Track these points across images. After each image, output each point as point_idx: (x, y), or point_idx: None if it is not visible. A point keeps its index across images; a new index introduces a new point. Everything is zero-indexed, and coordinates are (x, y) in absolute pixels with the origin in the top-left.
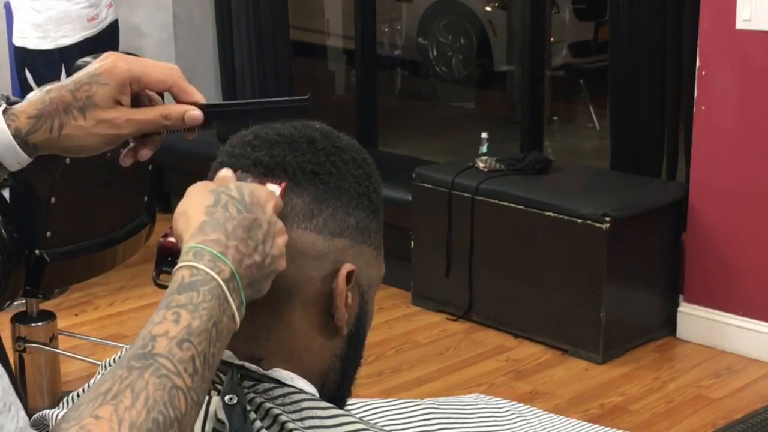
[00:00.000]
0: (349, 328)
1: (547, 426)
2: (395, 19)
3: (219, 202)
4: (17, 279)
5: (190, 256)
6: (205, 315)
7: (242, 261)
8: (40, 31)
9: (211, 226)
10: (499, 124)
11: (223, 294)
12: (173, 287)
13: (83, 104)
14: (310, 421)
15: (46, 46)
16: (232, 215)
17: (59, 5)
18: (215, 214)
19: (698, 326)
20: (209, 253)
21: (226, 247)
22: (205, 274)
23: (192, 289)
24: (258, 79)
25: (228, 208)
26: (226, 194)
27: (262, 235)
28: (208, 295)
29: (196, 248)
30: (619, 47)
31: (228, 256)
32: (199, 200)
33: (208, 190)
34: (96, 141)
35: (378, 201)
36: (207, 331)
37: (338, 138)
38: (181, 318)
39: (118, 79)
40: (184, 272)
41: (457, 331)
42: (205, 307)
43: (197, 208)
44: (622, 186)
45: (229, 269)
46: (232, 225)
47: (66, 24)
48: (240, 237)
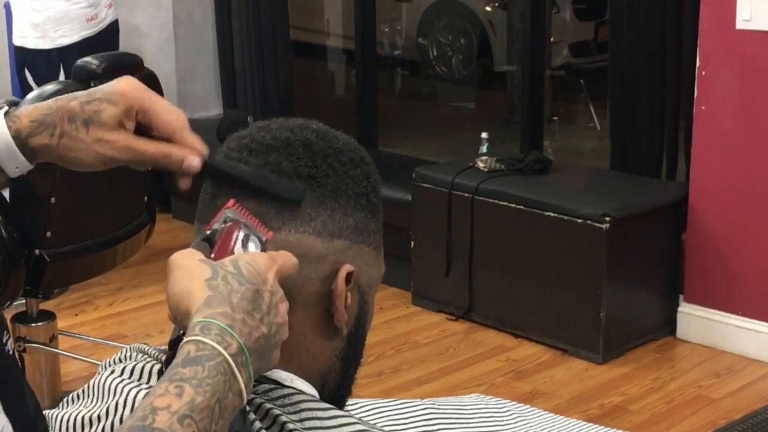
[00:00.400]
0: (349, 329)
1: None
2: (395, 19)
3: (218, 276)
4: (17, 279)
5: (197, 330)
6: (209, 391)
7: (251, 334)
8: (38, 30)
9: (216, 300)
10: (499, 124)
11: (230, 369)
12: (178, 360)
13: (88, 118)
14: (310, 422)
15: (45, 45)
16: (234, 288)
17: (58, 5)
18: (218, 287)
19: (698, 326)
20: (217, 327)
21: (233, 320)
22: (211, 349)
23: (197, 364)
24: (258, 79)
25: (228, 281)
26: (221, 268)
27: (266, 305)
28: (213, 370)
29: (204, 323)
30: (619, 47)
31: (236, 329)
32: (196, 274)
33: (199, 261)
34: (92, 158)
35: (377, 200)
36: (210, 408)
37: (335, 138)
38: (185, 393)
39: (127, 103)
40: (191, 347)
41: (457, 331)
42: (209, 383)
43: (197, 282)
44: (622, 186)
45: (236, 343)
46: (236, 298)
47: (65, 24)
48: (246, 309)
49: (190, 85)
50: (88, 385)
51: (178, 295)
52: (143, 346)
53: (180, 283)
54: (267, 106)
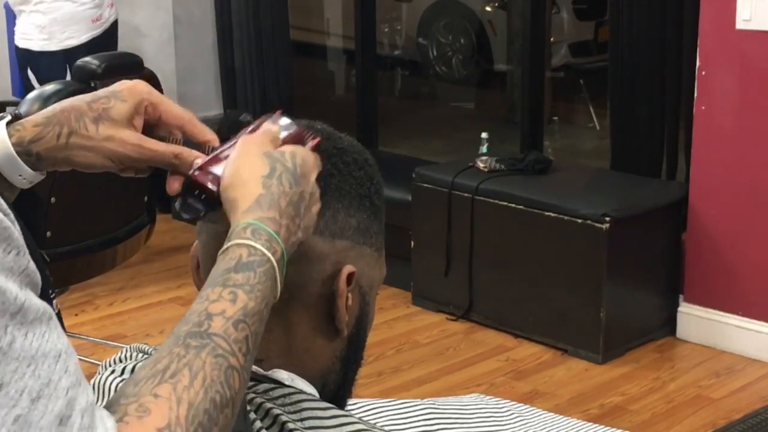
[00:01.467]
0: (350, 330)
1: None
2: (395, 19)
3: (274, 173)
4: None
5: (248, 233)
6: (259, 296)
7: (289, 239)
8: (45, 32)
9: (267, 202)
10: (499, 124)
11: (275, 275)
12: (230, 265)
13: (98, 115)
14: (311, 421)
15: (51, 47)
16: (285, 190)
17: (65, 6)
18: (271, 187)
19: (698, 326)
20: (266, 233)
21: (279, 225)
22: (262, 255)
23: (249, 269)
24: (258, 79)
25: (282, 181)
26: (281, 164)
27: (304, 207)
28: (263, 276)
29: (255, 226)
30: (619, 47)
31: (281, 235)
32: (255, 166)
33: (263, 154)
34: (101, 156)
35: (379, 202)
36: (260, 312)
37: (339, 139)
38: (238, 298)
39: (136, 98)
40: (242, 251)
41: (457, 331)
42: (260, 288)
43: (254, 175)
44: (622, 186)
45: (281, 249)
46: (285, 201)
47: (72, 25)
48: (290, 215)
49: (190, 85)
50: (94, 386)
51: (231, 180)
52: (143, 345)
53: (237, 170)
54: (267, 106)
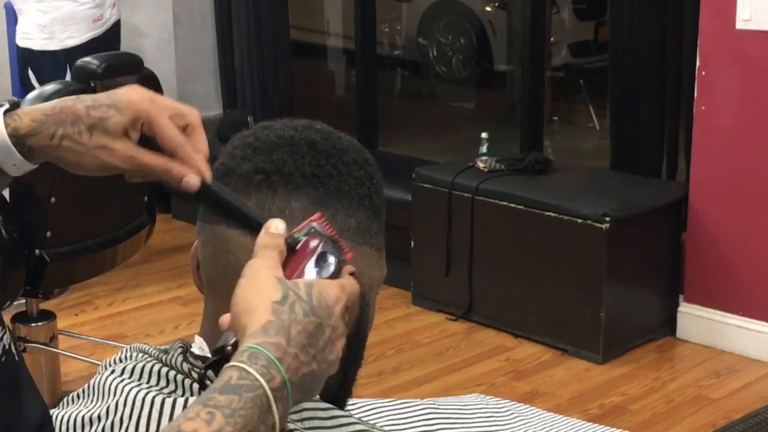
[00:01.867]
0: (350, 330)
1: (546, 426)
2: (395, 19)
3: (286, 300)
4: (17, 279)
5: (245, 357)
6: (240, 422)
7: (298, 369)
8: (45, 32)
9: (275, 328)
10: (499, 124)
11: (267, 403)
12: (217, 384)
13: (93, 123)
14: (311, 422)
15: (52, 47)
16: (297, 318)
17: (65, 6)
18: (281, 314)
19: (698, 326)
20: (265, 357)
21: (284, 353)
22: (253, 380)
23: (235, 393)
24: (258, 79)
25: (294, 309)
26: (294, 292)
27: (323, 342)
28: (249, 402)
29: (254, 350)
30: (619, 47)
31: (284, 363)
32: (266, 292)
33: (275, 279)
34: (93, 163)
35: (379, 202)
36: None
37: (339, 139)
38: (215, 421)
39: (135, 114)
40: (233, 373)
41: (457, 331)
42: (243, 414)
43: (264, 302)
44: (622, 186)
45: (281, 377)
46: (296, 330)
47: (72, 25)
48: (301, 344)
49: (190, 85)
50: (89, 385)
51: (241, 307)
52: (143, 345)
53: (247, 295)
54: (267, 106)
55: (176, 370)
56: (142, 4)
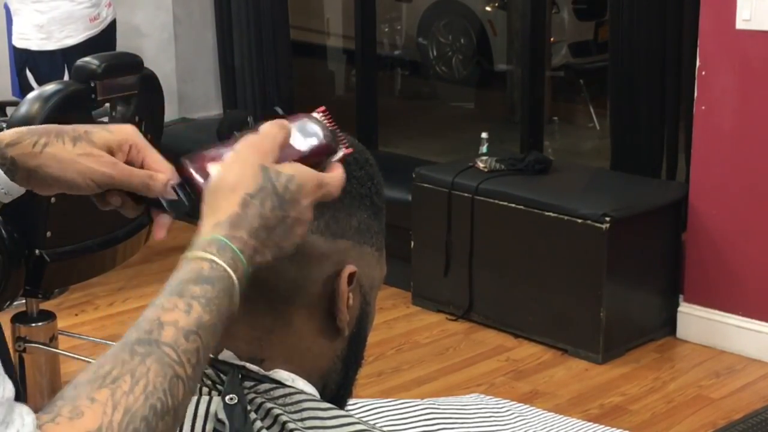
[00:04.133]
0: (351, 329)
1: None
2: (395, 19)
3: (260, 192)
4: (17, 279)
5: (213, 248)
6: (215, 311)
7: (253, 257)
8: (43, 32)
9: (240, 222)
10: (499, 124)
11: (233, 291)
12: (190, 276)
13: (78, 135)
14: (311, 421)
15: (49, 47)
16: (263, 212)
17: (63, 5)
18: (250, 207)
19: (698, 326)
20: (231, 251)
21: (245, 244)
22: (223, 271)
23: (209, 283)
24: (258, 79)
25: (263, 203)
26: (272, 184)
27: (283, 230)
28: (222, 292)
29: (222, 242)
30: (619, 47)
31: (245, 254)
32: (245, 179)
33: (258, 168)
34: (75, 170)
35: (380, 202)
36: (214, 326)
37: None
38: (193, 310)
39: (123, 135)
40: (204, 264)
41: (457, 331)
42: (217, 303)
43: (238, 190)
44: (622, 186)
45: (243, 269)
46: (257, 223)
47: (70, 24)
48: (261, 237)
49: (190, 85)
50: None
51: (220, 184)
52: None
53: (228, 176)
54: (267, 106)
55: None
56: (142, 4)
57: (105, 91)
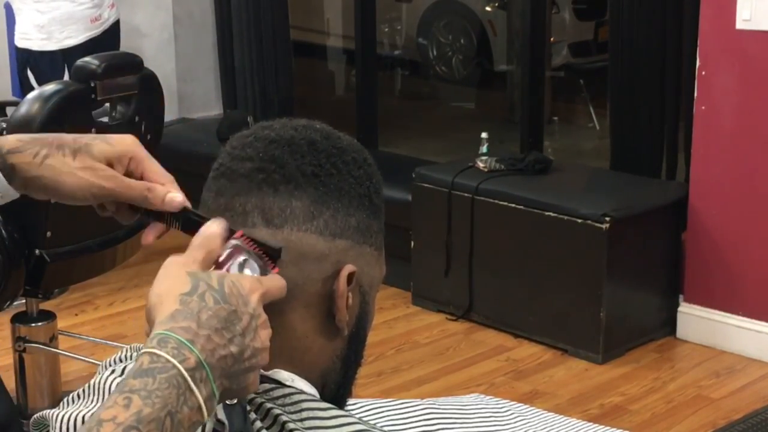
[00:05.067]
0: (350, 329)
1: (546, 426)
2: (395, 19)
3: (196, 290)
4: (17, 279)
5: (154, 342)
6: (158, 403)
7: (214, 351)
8: (43, 32)
9: (182, 315)
10: (499, 124)
11: (185, 383)
12: (130, 373)
13: (78, 147)
14: (311, 421)
15: (50, 47)
16: (208, 305)
17: (63, 6)
18: (190, 303)
19: (698, 326)
20: (175, 341)
21: (195, 335)
22: (165, 362)
23: (148, 376)
24: (258, 79)
25: (204, 298)
26: (205, 282)
27: (242, 327)
28: (164, 383)
29: (162, 335)
30: (619, 47)
31: (197, 345)
32: (176, 286)
33: (186, 273)
34: (74, 183)
35: (379, 201)
36: (159, 420)
37: (339, 139)
38: (132, 404)
39: (123, 148)
40: (144, 358)
41: (457, 331)
42: (160, 395)
43: (171, 294)
44: (622, 186)
45: (195, 358)
46: (206, 315)
47: (70, 25)
48: (214, 327)
49: (190, 85)
50: (89, 385)
51: (152, 302)
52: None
53: (157, 290)
54: (267, 106)
55: None
56: (142, 4)
57: (105, 91)
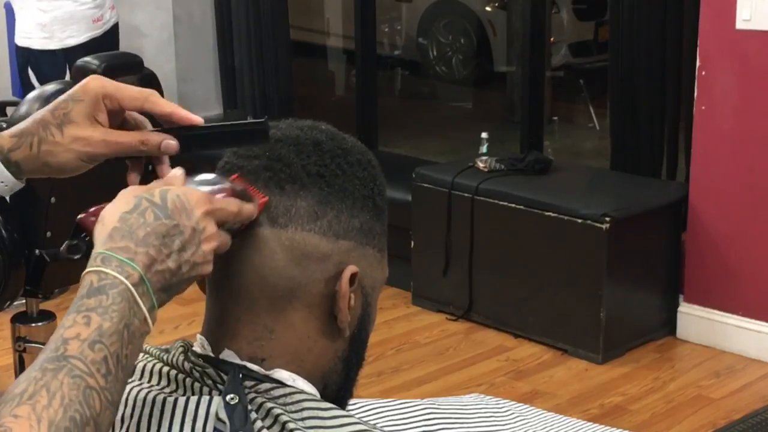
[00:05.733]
0: (352, 330)
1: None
2: (395, 19)
3: (137, 209)
4: (17, 279)
5: (98, 261)
6: (115, 317)
7: (152, 266)
8: (45, 31)
9: (120, 234)
10: (499, 124)
11: (133, 297)
12: (82, 292)
13: (60, 121)
14: (312, 421)
15: (51, 46)
16: (147, 222)
17: (65, 5)
18: (129, 220)
19: (698, 326)
20: (116, 260)
21: (134, 253)
22: (113, 278)
23: (101, 293)
24: (258, 79)
25: (144, 215)
26: (147, 200)
27: (181, 241)
28: (117, 297)
29: (104, 254)
30: (619, 47)
31: (137, 261)
32: (119, 206)
33: (132, 195)
34: (73, 158)
35: (382, 203)
36: (119, 333)
37: (344, 140)
38: (92, 321)
39: (91, 95)
40: (92, 277)
41: (457, 331)
42: (115, 309)
43: (114, 213)
44: (622, 186)
45: (137, 274)
46: (144, 232)
47: (72, 24)
48: (151, 244)
49: (190, 85)
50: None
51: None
52: (144, 345)
53: (106, 211)
54: (267, 106)
55: (177, 370)
56: (142, 4)
57: None
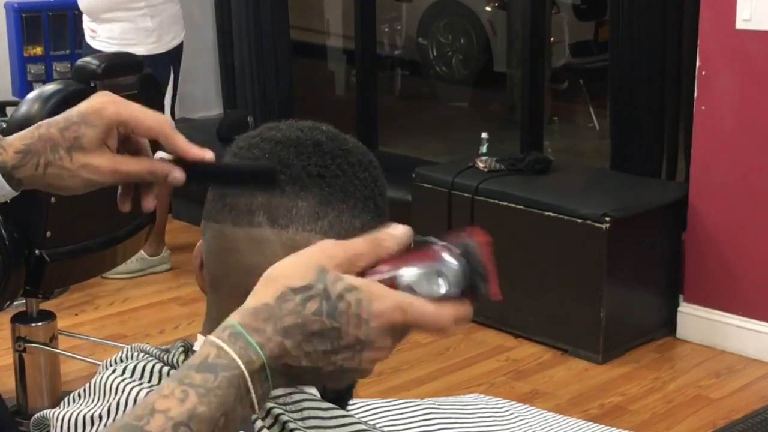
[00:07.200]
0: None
1: (546, 426)
2: (395, 19)
3: (305, 291)
4: (17, 279)
5: (225, 335)
6: (214, 402)
7: (281, 358)
8: (153, 36)
9: (267, 313)
10: (499, 124)
11: (245, 385)
12: (194, 361)
13: (70, 145)
14: (312, 421)
15: (160, 50)
16: (302, 312)
17: (169, 8)
18: (285, 302)
19: (698, 326)
20: (244, 340)
21: (268, 339)
22: (230, 360)
23: (210, 372)
24: (258, 79)
25: (306, 304)
26: (324, 288)
27: (334, 346)
28: (225, 382)
29: (236, 330)
30: (619, 47)
31: (266, 348)
32: (293, 275)
33: (317, 265)
34: (79, 183)
35: (383, 204)
36: (212, 420)
37: (345, 141)
38: (188, 399)
39: (105, 122)
40: (211, 350)
41: (456, 331)
42: (218, 394)
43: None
44: (622, 186)
45: (261, 362)
46: (292, 321)
47: (175, 25)
48: (293, 336)
49: (190, 85)
50: (89, 385)
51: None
52: (144, 345)
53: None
54: (267, 106)
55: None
56: None
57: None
